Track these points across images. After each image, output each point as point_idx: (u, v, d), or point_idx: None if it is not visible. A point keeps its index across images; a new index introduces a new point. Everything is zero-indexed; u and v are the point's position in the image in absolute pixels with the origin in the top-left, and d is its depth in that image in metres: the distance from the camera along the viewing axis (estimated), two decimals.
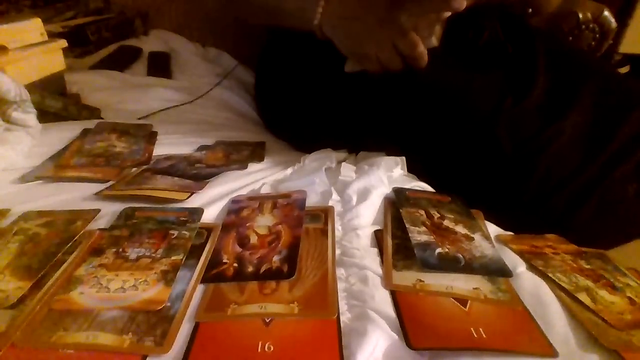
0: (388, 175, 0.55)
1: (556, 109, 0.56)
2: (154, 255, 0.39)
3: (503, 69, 0.60)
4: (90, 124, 0.69)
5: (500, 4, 0.68)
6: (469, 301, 0.35)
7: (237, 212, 0.47)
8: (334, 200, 0.50)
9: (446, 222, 0.46)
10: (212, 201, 0.49)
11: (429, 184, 0.56)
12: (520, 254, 0.43)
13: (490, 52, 0.61)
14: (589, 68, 0.62)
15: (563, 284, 0.38)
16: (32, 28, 0.72)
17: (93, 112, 0.75)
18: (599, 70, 0.63)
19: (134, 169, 0.57)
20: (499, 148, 0.57)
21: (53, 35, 0.78)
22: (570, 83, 0.58)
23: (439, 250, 0.41)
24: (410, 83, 0.59)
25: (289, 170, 0.58)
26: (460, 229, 0.46)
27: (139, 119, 0.76)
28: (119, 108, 0.80)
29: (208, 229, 0.44)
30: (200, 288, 0.36)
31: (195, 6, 1.13)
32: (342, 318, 0.33)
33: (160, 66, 0.99)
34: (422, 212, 0.48)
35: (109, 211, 0.46)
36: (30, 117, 0.61)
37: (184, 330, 0.32)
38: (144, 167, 0.58)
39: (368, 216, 0.47)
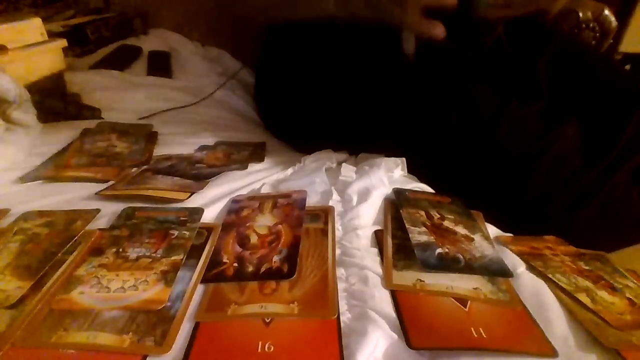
0: (388, 175, 0.55)
1: (559, 114, 0.56)
2: (154, 255, 0.39)
3: (506, 75, 0.60)
4: (90, 124, 0.69)
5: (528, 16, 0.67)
6: (469, 301, 0.35)
7: (237, 212, 0.47)
8: (334, 200, 0.50)
9: (446, 223, 0.46)
10: (212, 201, 0.49)
11: (429, 185, 0.56)
12: (520, 254, 0.43)
13: (493, 59, 0.61)
14: (593, 69, 0.62)
15: (563, 285, 0.38)
16: (32, 28, 0.72)
17: (93, 112, 0.74)
18: (604, 70, 0.63)
19: (134, 169, 0.57)
20: (500, 150, 0.57)
21: (53, 35, 0.78)
22: (573, 88, 0.58)
23: (439, 250, 0.41)
24: (412, 85, 0.59)
25: (289, 171, 0.58)
26: (460, 229, 0.46)
27: (140, 119, 0.76)
28: (119, 108, 0.80)
29: (208, 229, 0.44)
30: (200, 288, 0.36)
31: (195, 6, 1.13)
32: (342, 318, 0.33)
33: (161, 66, 0.99)
34: (422, 212, 0.48)
35: (109, 211, 0.46)
36: (30, 117, 0.61)
37: (184, 330, 0.32)
38: (144, 167, 0.58)
39: (368, 216, 0.47)
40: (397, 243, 0.42)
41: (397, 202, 0.49)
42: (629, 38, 1.08)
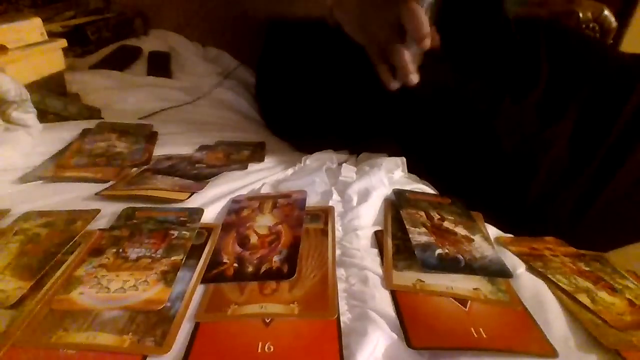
0: (389, 176, 0.55)
1: (555, 109, 0.56)
2: (154, 255, 0.39)
3: (500, 72, 0.60)
4: (90, 124, 0.69)
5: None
6: (469, 301, 0.35)
7: (237, 212, 0.47)
8: (335, 201, 0.50)
9: (446, 224, 0.46)
10: (212, 201, 0.49)
11: (430, 184, 0.56)
12: (520, 255, 0.43)
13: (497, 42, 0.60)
14: (590, 60, 0.61)
15: (563, 285, 0.38)
16: (32, 28, 0.72)
17: (93, 112, 0.74)
18: (601, 60, 0.62)
19: (134, 169, 0.57)
20: (499, 144, 0.56)
21: (53, 35, 0.78)
22: (570, 82, 0.58)
23: (439, 251, 0.41)
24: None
25: (290, 171, 0.58)
26: (460, 230, 0.46)
27: (140, 119, 0.76)
28: (119, 108, 0.80)
29: (208, 229, 0.44)
30: (200, 288, 0.36)
31: (195, 6, 1.13)
32: (342, 318, 0.33)
33: (161, 66, 0.99)
34: (422, 213, 0.48)
35: (109, 211, 0.46)
36: (30, 117, 0.61)
37: (184, 331, 0.32)
38: (145, 167, 0.58)
39: (368, 217, 0.47)
40: (397, 244, 0.42)
41: (397, 203, 0.49)
42: (629, 38, 1.08)
